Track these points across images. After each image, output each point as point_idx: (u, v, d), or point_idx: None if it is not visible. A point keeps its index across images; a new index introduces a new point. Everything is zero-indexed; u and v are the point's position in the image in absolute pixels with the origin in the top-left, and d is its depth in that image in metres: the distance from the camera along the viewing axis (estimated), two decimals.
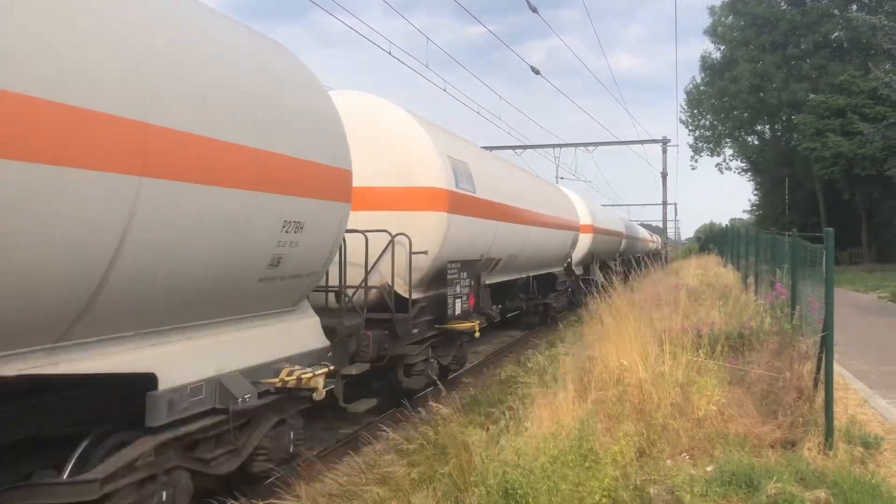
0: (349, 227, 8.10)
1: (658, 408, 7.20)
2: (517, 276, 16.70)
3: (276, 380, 6.31)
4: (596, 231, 26.91)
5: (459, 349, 12.43)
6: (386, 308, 9.65)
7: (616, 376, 7.63)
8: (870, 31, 32.87)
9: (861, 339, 13.89)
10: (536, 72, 23.44)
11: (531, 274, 18.18)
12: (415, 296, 10.20)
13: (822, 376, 7.04)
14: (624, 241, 36.81)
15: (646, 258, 51.38)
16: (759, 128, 56.45)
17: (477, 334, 11.96)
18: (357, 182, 8.35)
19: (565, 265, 22.76)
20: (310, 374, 6.41)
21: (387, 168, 10.21)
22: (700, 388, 7.46)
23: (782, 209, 52.67)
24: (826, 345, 6.82)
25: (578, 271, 25.18)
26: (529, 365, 13.08)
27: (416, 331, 10.20)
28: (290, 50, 7.18)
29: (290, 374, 6.37)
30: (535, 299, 19.78)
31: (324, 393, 6.64)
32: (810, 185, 47.02)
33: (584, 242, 25.00)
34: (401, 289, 9.86)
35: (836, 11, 47.24)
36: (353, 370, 8.34)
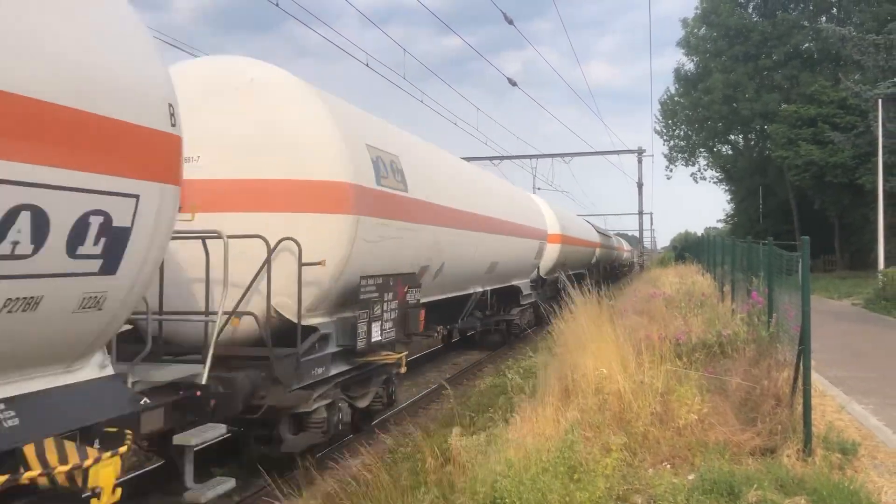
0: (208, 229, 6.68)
1: (638, 417, 7.22)
2: (470, 291, 14.63)
3: None
4: (565, 241, 24.77)
5: (385, 385, 9.86)
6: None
7: (595, 386, 7.65)
8: (839, 43, 33.44)
9: (836, 345, 14.05)
10: (513, 83, 23.58)
11: (489, 288, 16.09)
12: (314, 320, 7.91)
13: (799, 384, 7.11)
14: (598, 251, 35.78)
15: (619, 268, 51.00)
16: (732, 138, 57.13)
17: (403, 369, 9.81)
18: (228, 173, 7.29)
19: (531, 277, 21.00)
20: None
21: (271, 155, 7.67)
22: (679, 396, 7.50)
23: (756, 218, 53.26)
24: (804, 353, 6.88)
25: (549, 282, 23.29)
26: (510, 375, 13.10)
27: (319, 370, 7.94)
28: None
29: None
30: (494, 316, 17.94)
31: None
32: (784, 194, 47.61)
33: (553, 252, 23.09)
34: (288, 312, 7.48)
35: (806, 23, 48.05)
36: (192, 439, 5.95)
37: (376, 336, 8.72)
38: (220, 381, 6.52)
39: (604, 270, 38.95)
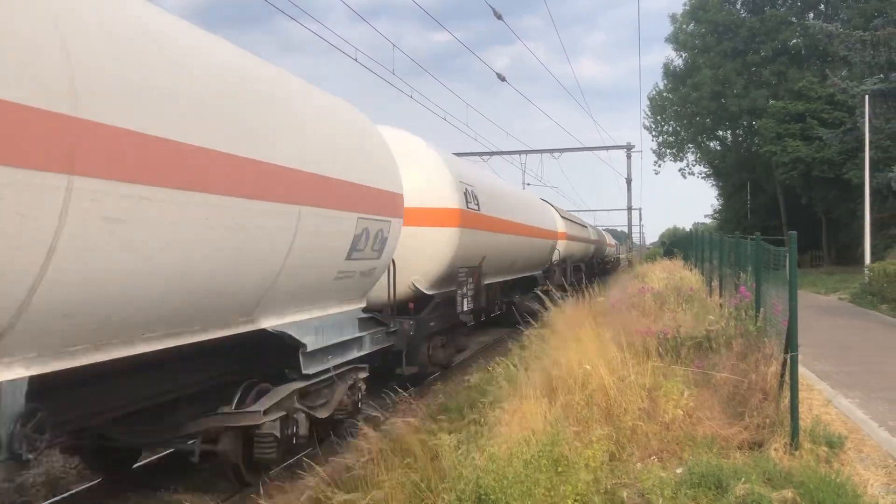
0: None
1: (626, 412, 7.24)
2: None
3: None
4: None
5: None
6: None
7: (581, 381, 7.66)
8: (826, 39, 33.57)
9: (823, 340, 14.14)
10: (502, 78, 23.56)
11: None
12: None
13: (786, 378, 7.14)
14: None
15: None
16: (720, 133, 57.32)
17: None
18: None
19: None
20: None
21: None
22: (667, 391, 7.52)
23: (744, 213, 53.48)
24: (791, 347, 6.91)
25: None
26: (499, 371, 13.11)
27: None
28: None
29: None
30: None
31: None
32: (771, 190, 47.84)
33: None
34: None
35: (793, 19, 48.23)
36: None
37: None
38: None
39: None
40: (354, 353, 9.30)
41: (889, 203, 31.77)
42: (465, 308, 13.39)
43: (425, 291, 12.71)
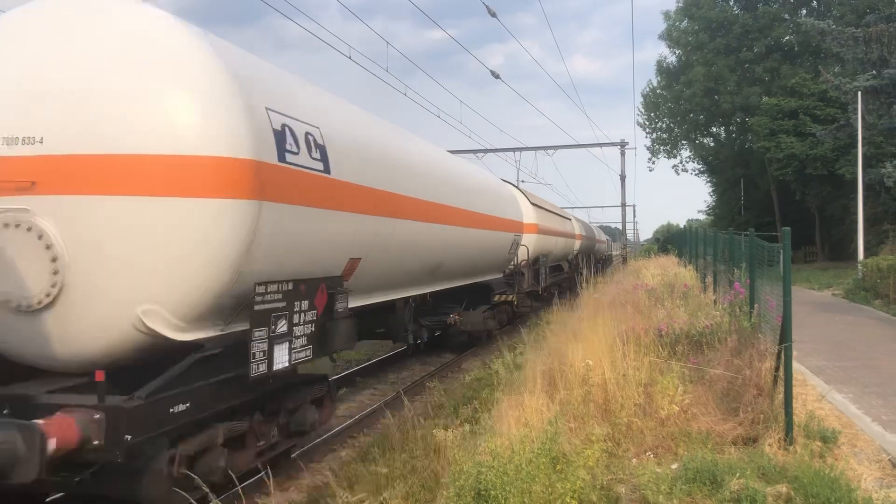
0: None
1: (622, 408, 7.28)
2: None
3: None
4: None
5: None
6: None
7: (582, 377, 7.69)
8: (819, 36, 33.66)
9: (817, 335, 14.20)
10: (496, 76, 23.56)
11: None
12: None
13: (781, 373, 7.18)
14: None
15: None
16: (714, 130, 57.42)
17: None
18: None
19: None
20: None
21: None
22: (663, 387, 7.56)
23: (738, 209, 53.61)
24: (785, 343, 6.95)
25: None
26: (495, 368, 13.13)
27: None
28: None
29: None
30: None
31: None
32: (765, 186, 47.95)
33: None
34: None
35: (786, 16, 48.34)
36: None
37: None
38: None
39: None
40: None
41: (882, 199, 31.90)
42: (281, 361, 6.61)
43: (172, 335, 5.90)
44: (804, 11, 48.05)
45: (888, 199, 31.67)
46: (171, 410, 5.66)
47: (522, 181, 45.52)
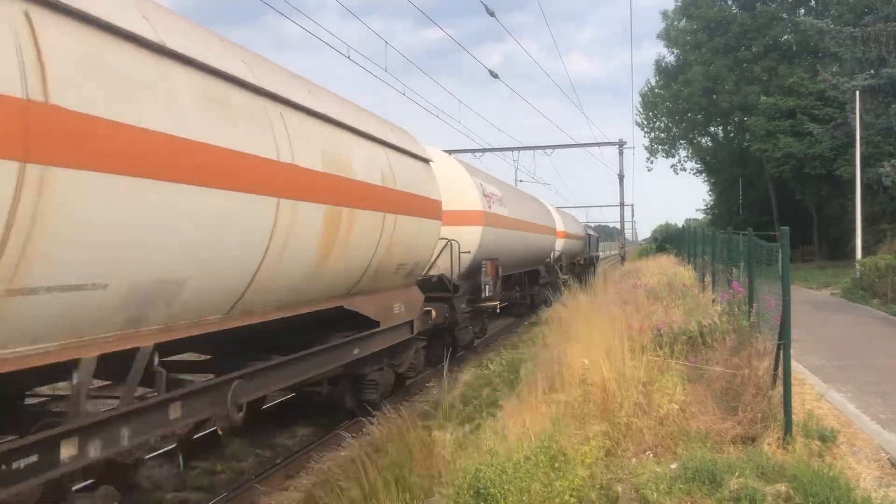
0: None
1: (621, 407, 7.27)
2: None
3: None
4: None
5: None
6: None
7: (580, 376, 7.69)
8: (817, 35, 33.69)
9: (815, 334, 14.21)
10: (495, 76, 23.56)
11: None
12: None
13: (779, 372, 7.19)
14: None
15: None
16: (712, 129, 57.42)
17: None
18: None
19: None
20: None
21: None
22: (661, 386, 7.56)
23: (736, 209, 53.62)
24: (783, 342, 6.95)
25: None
26: (492, 367, 13.14)
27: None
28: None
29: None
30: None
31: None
32: (763, 185, 47.98)
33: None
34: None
35: (784, 15, 48.36)
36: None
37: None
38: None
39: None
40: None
41: (879, 198, 31.93)
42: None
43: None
44: (802, 11, 48.07)
45: (886, 198, 31.70)
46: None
47: (521, 181, 45.53)
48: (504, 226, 18.36)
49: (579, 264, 38.68)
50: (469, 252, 15.48)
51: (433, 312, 13.00)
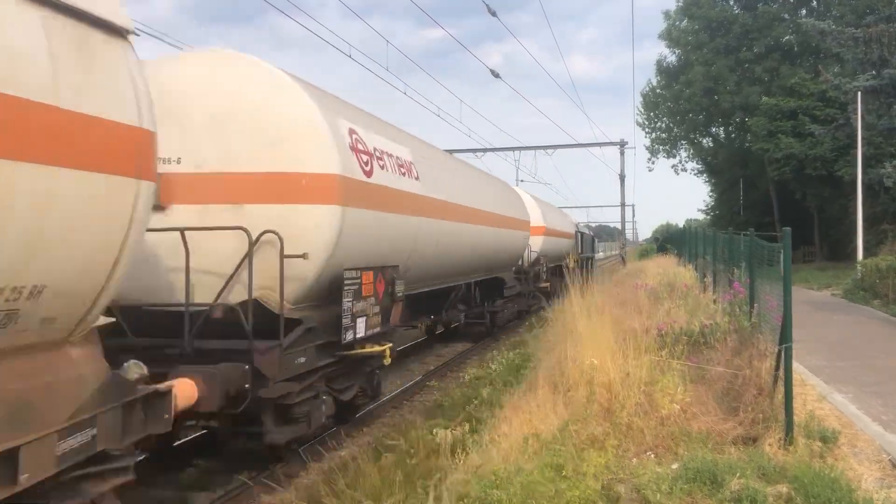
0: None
1: (623, 407, 7.27)
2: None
3: None
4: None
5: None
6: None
7: (587, 377, 7.68)
8: (818, 36, 33.64)
9: (816, 335, 14.19)
10: (496, 75, 23.55)
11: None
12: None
13: (780, 373, 7.18)
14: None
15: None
16: (713, 130, 57.38)
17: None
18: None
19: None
20: None
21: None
22: (663, 387, 7.56)
23: (737, 209, 53.57)
24: (785, 342, 6.95)
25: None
26: (493, 367, 13.13)
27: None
28: None
29: None
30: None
31: None
32: (764, 186, 47.93)
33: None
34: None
35: (786, 16, 48.31)
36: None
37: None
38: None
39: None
40: None
41: (881, 199, 31.90)
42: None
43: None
44: (804, 11, 48.03)
45: (887, 199, 31.67)
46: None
47: (521, 180, 45.46)
48: (410, 210, 10.89)
49: (570, 267, 32.79)
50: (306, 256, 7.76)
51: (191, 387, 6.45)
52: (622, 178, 46.73)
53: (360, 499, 6.20)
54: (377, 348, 9.12)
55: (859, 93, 27.45)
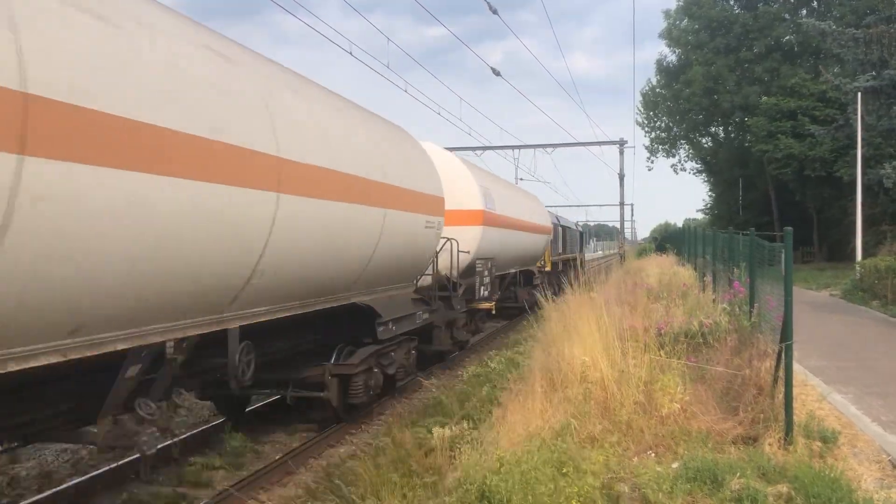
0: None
1: (622, 406, 7.26)
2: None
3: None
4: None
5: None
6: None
7: (581, 374, 7.67)
8: (819, 36, 33.66)
9: (816, 335, 14.19)
10: (497, 73, 23.52)
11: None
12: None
13: (780, 373, 7.17)
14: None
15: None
16: (713, 129, 57.43)
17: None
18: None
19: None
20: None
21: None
22: (663, 386, 7.54)
23: (736, 209, 53.61)
24: (785, 342, 6.93)
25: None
26: (492, 365, 13.12)
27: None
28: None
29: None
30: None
31: None
32: (763, 186, 47.97)
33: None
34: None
35: (786, 16, 48.33)
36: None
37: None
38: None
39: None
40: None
41: (880, 200, 31.94)
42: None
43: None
44: (804, 12, 48.05)
45: (886, 200, 31.71)
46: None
47: (521, 179, 45.43)
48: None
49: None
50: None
51: None
52: (621, 177, 46.68)
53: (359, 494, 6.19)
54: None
55: (859, 93, 27.46)
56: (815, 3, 48.58)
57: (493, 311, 17.83)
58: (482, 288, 15.98)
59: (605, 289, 17.72)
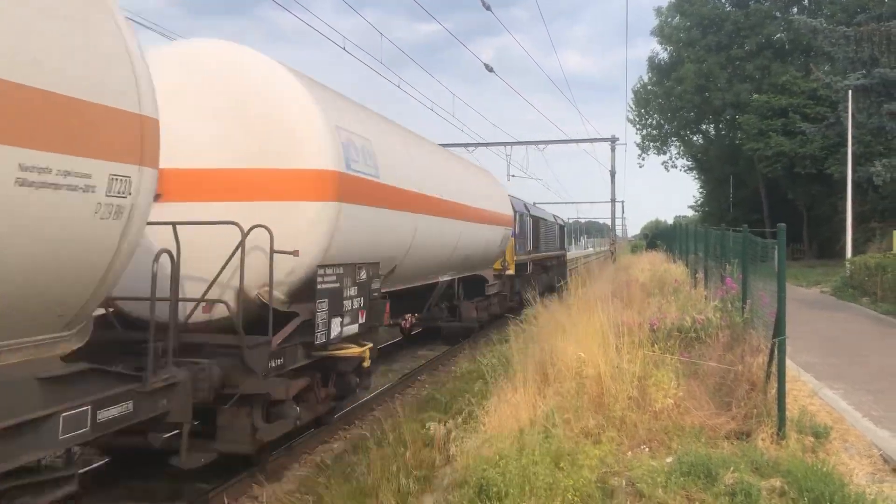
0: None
1: (616, 401, 7.29)
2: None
3: None
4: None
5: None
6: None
7: (574, 370, 7.70)
8: (810, 34, 33.78)
9: (807, 332, 14.27)
10: (490, 69, 23.53)
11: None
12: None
13: (773, 369, 7.21)
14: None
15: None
16: (704, 127, 57.59)
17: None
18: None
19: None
20: None
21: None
22: (656, 381, 7.58)
23: (727, 206, 53.82)
24: (779, 338, 6.97)
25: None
26: (485, 360, 13.13)
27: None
28: None
29: None
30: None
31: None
32: (753, 183, 48.16)
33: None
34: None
35: (777, 14, 48.50)
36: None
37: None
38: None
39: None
40: None
41: (869, 197, 32.12)
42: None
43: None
44: (795, 9, 48.22)
45: (876, 197, 31.90)
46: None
47: (513, 175, 45.32)
48: None
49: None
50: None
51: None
52: (612, 174, 46.77)
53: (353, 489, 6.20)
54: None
55: (850, 91, 27.57)
56: (806, 1, 48.77)
57: (367, 364, 8.99)
58: (336, 319, 8.06)
59: (599, 286, 17.79)
